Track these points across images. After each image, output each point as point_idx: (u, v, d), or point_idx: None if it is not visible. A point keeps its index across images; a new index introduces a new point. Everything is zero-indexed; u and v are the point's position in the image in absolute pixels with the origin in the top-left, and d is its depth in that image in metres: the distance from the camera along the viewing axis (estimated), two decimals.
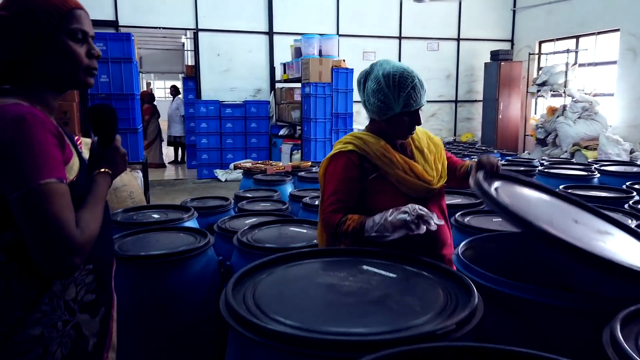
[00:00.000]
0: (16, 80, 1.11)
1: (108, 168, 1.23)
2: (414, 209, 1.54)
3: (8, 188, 0.98)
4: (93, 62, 1.16)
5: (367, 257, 1.51)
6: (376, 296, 1.22)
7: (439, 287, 1.29)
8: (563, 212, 1.62)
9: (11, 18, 1.07)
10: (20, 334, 1.04)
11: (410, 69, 1.73)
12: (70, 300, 1.10)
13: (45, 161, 1.00)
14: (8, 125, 0.99)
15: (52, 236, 0.97)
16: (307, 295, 1.23)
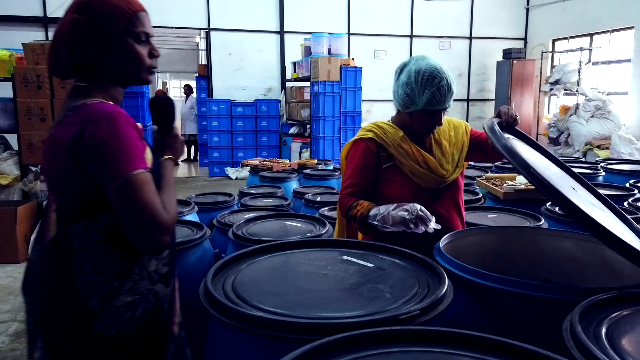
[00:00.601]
0: (88, 78, 1.23)
1: (171, 154, 1.37)
2: (415, 209, 1.61)
3: (106, 179, 1.11)
4: (154, 62, 1.28)
5: (349, 247, 1.56)
6: (350, 284, 1.26)
7: (413, 275, 1.32)
8: (563, 178, 1.64)
9: (85, 22, 1.17)
10: (117, 300, 1.19)
11: (442, 70, 1.76)
12: (152, 272, 1.25)
13: (134, 154, 1.13)
14: (101, 123, 1.11)
15: (146, 219, 1.11)
16: (285, 283, 1.27)
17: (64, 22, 1.20)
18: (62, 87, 4.68)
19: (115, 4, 1.19)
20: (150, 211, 1.11)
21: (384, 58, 10.06)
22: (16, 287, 3.87)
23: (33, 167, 5.08)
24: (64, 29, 1.19)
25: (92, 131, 1.11)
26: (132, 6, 1.21)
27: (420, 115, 1.80)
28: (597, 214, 1.44)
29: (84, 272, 1.18)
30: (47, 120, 4.68)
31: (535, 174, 1.30)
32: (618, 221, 1.62)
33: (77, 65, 1.21)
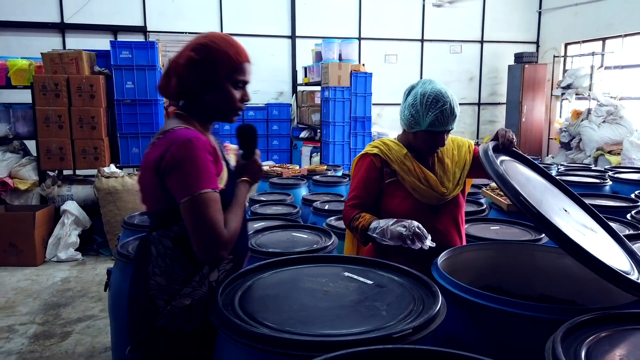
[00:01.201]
0: (188, 107, 1.46)
1: (248, 177, 1.54)
2: (413, 226, 1.70)
3: (178, 194, 1.31)
4: (242, 106, 1.48)
5: (350, 263, 1.63)
6: (349, 301, 1.34)
7: (409, 293, 1.40)
8: (556, 199, 1.70)
9: (198, 61, 1.38)
10: (177, 301, 1.38)
11: (447, 94, 1.86)
12: (212, 281, 1.43)
13: (204, 175, 1.31)
14: (180, 146, 1.31)
15: (207, 233, 1.29)
16: (288, 299, 1.35)
17: (182, 55, 1.41)
18: (79, 96, 4.83)
19: (227, 52, 1.39)
20: (211, 227, 1.28)
21: (394, 62, 10.10)
22: (34, 290, 4.01)
23: (51, 173, 5.24)
24: (180, 62, 1.40)
25: (173, 152, 1.31)
26: (240, 57, 1.42)
27: (423, 136, 1.89)
28: (585, 236, 1.50)
29: (155, 275, 1.39)
30: (64, 128, 4.83)
31: (523, 202, 1.37)
32: (610, 241, 1.67)
33: (182, 94, 1.43)
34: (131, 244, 2.34)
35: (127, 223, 2.75)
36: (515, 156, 1.90)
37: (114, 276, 2.21)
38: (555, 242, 1.35)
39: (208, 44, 1.40)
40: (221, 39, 1.42)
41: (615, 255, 1.53)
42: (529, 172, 1.85)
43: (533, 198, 1.46)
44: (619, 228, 2.60)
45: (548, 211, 1.45)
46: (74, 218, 4.78)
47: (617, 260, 1.49)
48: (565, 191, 1.88)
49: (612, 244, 1.63)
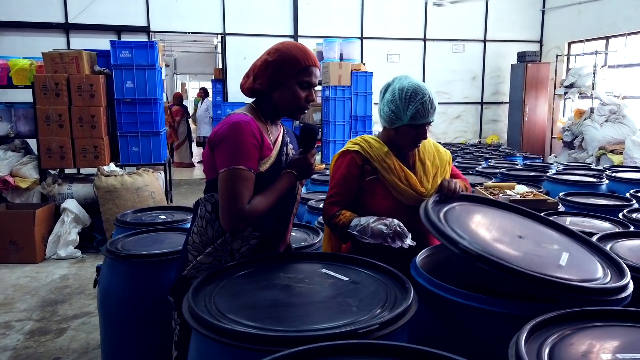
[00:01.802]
0: (259, 102, 1.65)
1: (294, 170, 1.64)
2: (394, 224, 1.71)
3: (220, 165, 1.52)
4: (307, 105, 1.64)
5: (331, 260, 1.65)
6: (322, 297, 1.36)
7: (383, 289, 1.41)
8: (512, 228, 1.70)
9: (270, 63, 1.57)
10: (201, 257, 1.60)
11: (424, 87, 1.88)
12: (234, 249, 1.61)
13: (243, 154, 1.50)
14: (229, 126, 1.53)
15: (229, 203, 1.50)
16: (263, 295, 1.37)
17: (260, 58, 1.62)
18: (80, 95, 4.88)
19: (296, 56, 1.57)
20: (235, 198, 1.48)
21: (397, 61, 10.10)
22: (33, 287, 4.06)
23: (52, 171, 5.29)
24: (257, 63, 1.61)
25: (223, 130, 1.53)
26: (307, 61, 1.59)
27: (406, 130, 1.90)
28: (542, 257, 1.51)
29: (193, 233, 1.64)
30: (64, 127, 4.88)
31: (462, 249, 1.44)
32: (580, 251, 1.65)
33: (254, 90, 1.62)
34: (121, 241, 2.37)
35: (120, 221, 2.79)
36: (465, 199, 1.91)
37: (103, 273, 2.24)
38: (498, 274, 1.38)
39: (281, 48, 1.59)
40: (293, 45, 1.61)
41: (582, 264, 1.53)
42: (481, 209, 1.86)
43: (478, 238, 1.52)
44: (608, 227, 2.60)
45: (496, 245, 1.51)
46: (73, 216, 4.83)
47: (583, 269, 1.49)
48: (524, 214, 1.89)
49: (581, 254, 1.62)
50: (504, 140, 10.51)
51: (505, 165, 5.44)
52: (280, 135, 1.70)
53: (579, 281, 1.39)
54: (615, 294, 1.36)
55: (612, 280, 1.46)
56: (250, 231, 1.62)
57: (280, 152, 1.66)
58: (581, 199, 3.32)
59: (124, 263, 2.17)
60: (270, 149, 1.61)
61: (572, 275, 1.42)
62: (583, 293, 1.32)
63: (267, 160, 1.60)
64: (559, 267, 1.46)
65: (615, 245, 1.90)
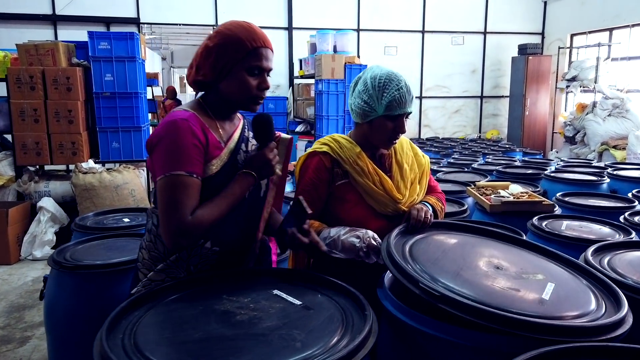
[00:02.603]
0: (207, 95, 1.44)
1: (251, 169, 1.41)
2: (368, 237, 1.51)
3: (156, 172, 1.31)
4: (261, 93, 1.41)
5: (286, 279, 1.44)
6: (263, 328, 1.14)
7: (340, 316, 1.20)
8: (490, 257, 1.47)
9: (211, 48, 1.36)
10: (152, 275, 1.40)
11: (399, 74, 1.67)
12: (192, 266, 1.41)
13: (181, 157, 1.29)
14: (164, 126, 1.33)
15: (168, 216, 1.28)
16: (193, 327, 1.16)
17: (202, 45, 1.40)
18: (55, 89, 4.66)
19: (239, 37, 1.35)
20: (173, 210, 1.27)
21: (394, 54, 9.85)
22: (3, 290, 3.86)
23: (32, 168, 5.09)
24: (198, 51, 1.40)
25: (158, 131, 1.33)
26: (254, 42, 1.36)
27: (381, 123, 1.67)
28: (520, 292, 1.28)
29: (142, 248, 1.45)
30: (40, 122, 4.67)
31: (423, 288, 1.22)
32: (570, 279, 1.42)
33: (199, 82, 1.41)
34: (71, 249, 2.16)
35: (78, 225, 2.57)
36: (437, 226, 1.70)
37: (49, 285, 2.04)
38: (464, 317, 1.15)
39: (222, 30, 1.38)
40: (236, 25, 1.38)
41: (571, 296, 1.30)
42: (453, 238, 1.63)
43: (446, 275, 1.32)
44: (608, 233, 2.39)
45: (467, 281, 1.30)
46: (50, 215, 4.62)
47: (571, 302, 1.26)
48: (511, 241, 1.66)
49: (570, 283, 1.39)
50: (504, 135, 10.26)
51: (503, 162, 5.22)
52: (237, 131, 1.48)
53: (563, 319, 1.17)
54: (608, 331, 1.14)
55: (607, 312, 1.24)
56: (209, 247, 1.41)
57: (236, 151, 1.44)
58: (580, 200, 3.10)
59: (71, 275, 1.96)
60: (219, 148, 1.39)
61: (556, 311, 1.20)
62: (568, 335, 1.10)
63: (216, 162, 1.38)
64: (540, 302, 1.23)
65: (614, 258, 1.68)
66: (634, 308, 1.26)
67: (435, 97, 10.22)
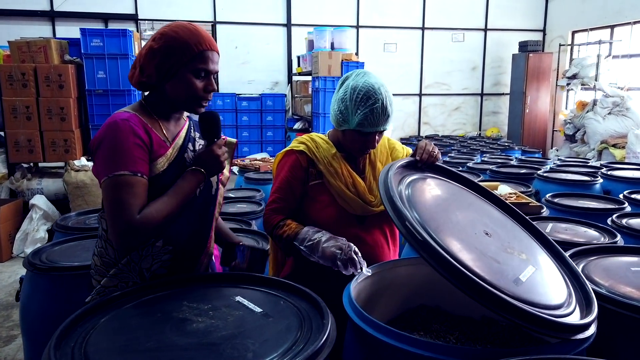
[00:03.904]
0: (151, 97, 1.44)
1: (200, 166, 1.41)
2: (350, 250, 1.50)
3: (99, 175, 1.30)
4: (207, 95, 1.41)
5: (250, 284, 1.41)
6: (218, 337, 1.12)
7: (299, 325, 1.18)
8: (483, 221, 1.46)
9: (156, 50, 1.35)
10: (105, 281, 1.39)
11: (380, 90, 1.63)
12: (144, 269, 1.39)
13: (123, 157, 1.28)
14: (105, 128, 1.32)
15: (115, 217, 1.27)
16: (147, 334, 1.14)
17: (146, 45, 1.39)
18: (47, 86, 4.65)
19: (186, 40, 1.35)
20: (119, 210, 1.26)
21: (394, 51, 9.79)
22: None
23: (25, 165, 5.09)
24: (142, 52, 1.39)
25: (99, 133, 1.32)
26: (201, 45, 1.36)
27: (352, 136, 1.67)
28: (500, 264, 1.26)
29: (94, 255, 1.44)
30: (32, 119, 4.66)
31: (408, 227, 1.17)
32: (551, 267, 1.41)
33: (144, 84, 1.40)
34: (47, 250, 2.14)
35: (59, 225, 2.55)
36: (441, 171, 1.66)
37: (24, 286, 2.02)
38: (439, 272, 1.14)
39: (167, 32, 1.37)
40: (182, 28, 1.38)
41: (545, 285, 1.28)
42: (455, 189, 1.61)
43: (434, 223, 1.26)
44: (593, 236, 2.35)
45: (452, 236, 1.26)
46: (42, 212, 4.62)
47: (544, 291, 1.24)
48: (501, 206, 1.64)
49: (549, 272, 1.38)
50: (504, 132, 10.20)
51: (500, 161, 5.18)
52: (183, 131, 1.48)
53: (533, 305, 1.15)
54: (574, 332, 1.12)
55: (574, 312, 1.22)
56: (160, 246, 1.40)
57: (183, 149, 1.44)
58: (570, 201, 3.06)
59: (44, 276, 1.94)
60: (164, 147, 1.40)
61: (527, 294, 1.18)
62: (533, 323, 1.09)
63: (162, 160, 1.38)
64: (516, 281, 1.22)
65: (590, 264, 1.65)
66: (601, 317, 1.23)
67: (435, 95, 10.16)
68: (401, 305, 1.66)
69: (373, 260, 1.64)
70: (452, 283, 1.12)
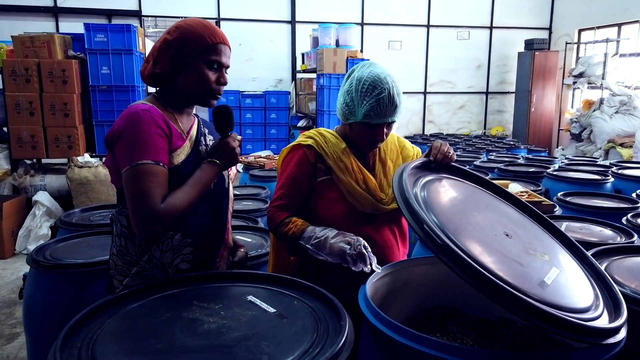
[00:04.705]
0: (164, 90, 1.43)
1: (216, 158, 1.41)
2: (359, 245, 1.44)
3: (121, 165, 1.28)
4: (219, 88, 1.42)
5: (263, 283, 1.37)
6: (231, 339, 1.07)
7: (315, 326, 1.13)
8: (502, 222, 1.41)
9: (171, 41, 1.36)
10: (128, 281, 1.37)
11: (387, 80, 1.57)
12: (166, 264, 1.38)
13: (146, 146, 1.27)
14: (126, 118, 1.30)
15: (138, 205, 1.25)
16: (156, 335, 1.09)
17: (160, 38, 1.40)
18: (51, 81, 4.61)
19: (200, 33, 1.36)
20: (143, 199, 1.24)
21: (399, 49, 9.72)
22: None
23: (28, 161, 5.05)
24: (156, 45, 1.40)
25: (119, 124, 1.31)
26: (214, 38, 1.38)
27: (360, 128, 1.61)
28: (523, 266, 1.21)
29: (113, 254, 1.41)
30: (35, 115, 4.62)
31: (427, 231, 1.14)
32: (576, 269, 1.36)
33: (156, 76, 1.39)
34: (52, 247, 2.10)
35: (63, 221, 2.51)
36: (456, 171, 1.62)
37: (27, 283, 1.98)
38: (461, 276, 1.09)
39: (182, 25, 1.39)
40: (195, 22, 1.40)
41: (572, 288, 1.23)
42: (476, 192, 1.56)
43: (453, 225, 1.22)
44: (609, 236, 2.30)
45: (473, 239, 1.21)
46: (45, 209, 4.58)
47: (571, 294, 1.19)
48: (520, 206, 1.59)
49: (574, 273, 1.33)
50: (509, 131, 10.12)
51: (506, 160, 5.12)
52: (194, 126, 1.49)
53: (560, 309, 1.10)
54: (604, 336, 1.07)
55: (602, 316, 1.16)
56: (179, 239, 1.39)
57: (197, 142, 1.46)
58: (582, 200, 3.01)
59: (49, 274, 1.90)
60: (182, 139, 1.41)
61: (554, 298, 1.13)
62: (564, 328, 1.04)
63: (180, 151, 1.38)
64: (541, 284, 1.17)
65: (612, 264, 1.60)
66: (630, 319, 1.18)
67: (439, 93, 10.09)
68: (416, 305, 1.61)
69: (383, 261, 1.59)
70: (476, 288, 1.06)
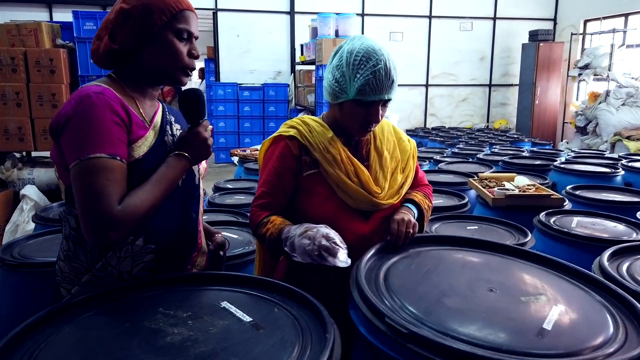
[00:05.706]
0: (124, 70, 1.22)
1: (185, 151, 1.22)
2: (319, 236, 1.24)
3: (69, 158, 1.08)
4: (192, 62, 1.24)
5: (242, 286, 1.21)
6: (195, 354, 0.91)
7: (294, 338, 0.97)
8: (482, 276, 1.23)
9: (130, 10, 1.16)
10: (77, 290, 1.18)
11: (382, 52, 1.38)
12: (124, 272, 1.19)
13: (99, 137, 1.07)
14: (76, 102, 1.09)
15: (90, 208, 1.05)
16: (109, 349, 0.93)
17: (112, 10, 1.19)
18: (38, 71, 4.44)
19: None
20: (95, 199, 1.04)
21: (400, 40, 9.52)
22: None
23: (17, 154, 4.89)
24: (110, 17, 1.19)
25: (66, 109, 1.09)
26: (180, 4, 1.20)
27: (351, 108, 1.41)
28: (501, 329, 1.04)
29: (59, 259, 1.22)
30: (22, 106, 4.45)
31: (390, 324, 1.00)
32: (582, 296, 1.18)
33: (115, 53, 1.19)
34: (21, 244, 1.94)
35: (39, 216, 2.35)
36: (428, 241, 1.48)
37: None
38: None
39: None
40: None
41: (581, 320, 1.06)
42: (446, 253, 1.41)
43: (423, 304, 1.10)
44: (623, 231, 2.13)
45: (450, 312, 1.07)
46: (33, 203, 4.42)
47: (581, 328, 1.02)
48: (509, 252, 1.42)
49: (580, 300, 1.15)
50: (512, 124, 9.93)
51: (511, 152, 4.96)
52: (158, 112, 1.28)
53: (571, 355, 0.93)
54: None
55: (629, 340, 0.99)
56: (141, 245, 1.19)
57: (162, 132, 1.25)
58: (592, 194, 2.84)
59: (14, 273, 1.75)
60: (144, 128, 1.19)
61: (558, 343, 0.96)
62: None
63: (142, 142, 1.18)
64: (540, 334, 0.98)
65: (635, 264, 1.43)
66: None
67: (442, 85, 9.90)
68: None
69: None
70: None
